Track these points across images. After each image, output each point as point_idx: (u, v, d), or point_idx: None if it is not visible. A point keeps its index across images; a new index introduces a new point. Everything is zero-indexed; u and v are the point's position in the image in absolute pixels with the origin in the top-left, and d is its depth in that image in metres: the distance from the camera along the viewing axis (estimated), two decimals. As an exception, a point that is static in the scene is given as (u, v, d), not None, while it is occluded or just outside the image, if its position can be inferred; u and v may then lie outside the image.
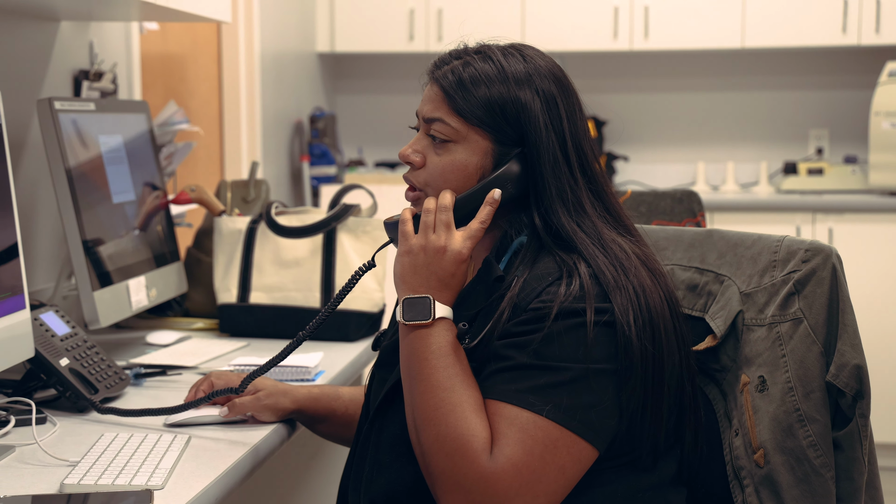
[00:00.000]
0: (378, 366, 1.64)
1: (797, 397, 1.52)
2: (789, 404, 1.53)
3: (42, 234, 2.61)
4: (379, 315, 2.57)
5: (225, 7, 2.78)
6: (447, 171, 1.53)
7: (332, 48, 5.63)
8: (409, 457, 1.48)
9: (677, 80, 5.88)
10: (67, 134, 2.20)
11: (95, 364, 2.00)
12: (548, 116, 1.52)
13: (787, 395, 1.53)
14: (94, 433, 1.77)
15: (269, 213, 2.58)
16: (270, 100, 4.83)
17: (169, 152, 2.77)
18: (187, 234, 3.05)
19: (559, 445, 1.39)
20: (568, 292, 1.43)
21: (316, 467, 2.85)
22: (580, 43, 5.48)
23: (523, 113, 1.51)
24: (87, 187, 2.23)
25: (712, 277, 1.66)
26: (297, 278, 2.54)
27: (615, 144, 5.91)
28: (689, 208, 2.73)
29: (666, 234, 1.74)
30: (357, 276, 1.64)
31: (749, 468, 1.55)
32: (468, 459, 1.38)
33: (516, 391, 1.41)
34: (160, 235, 2.57)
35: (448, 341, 1.46)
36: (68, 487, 1.49)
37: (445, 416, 1.41)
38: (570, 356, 1.41)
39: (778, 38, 5.36)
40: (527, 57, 1.55)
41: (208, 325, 2.65)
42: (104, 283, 2.22)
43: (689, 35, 5.43)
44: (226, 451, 1.69)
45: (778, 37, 5.36)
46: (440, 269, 1.49)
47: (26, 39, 2.56)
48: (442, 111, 1.53)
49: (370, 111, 6.06)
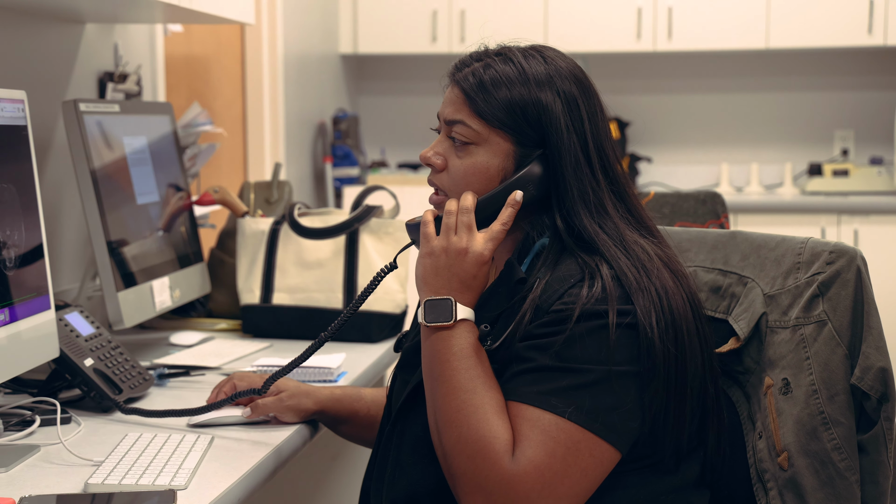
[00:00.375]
0: (400, 367, 1.64)
1: (821, 400, 1.51)
2: (813, 407, 1.52)
3: (67, 235, 2.62)
4: (401, 316, 2.58)
5: (248, 9, 2.79)
6: (469, 174, 1.53)
7: (355, 49, 5.64)
8: (430, 458, 1.48)
9: (701, 81, 5.86)
10: (92, 135, 2.21)
11: (119, 364, 2.01)
12: (569, 118, 1.51)
13: (812, 397, 1.52)
14: (118, 433, 1.78)
15: (292, 215, 2.58)
16: (293, 101, 4.84)
17: (193, 153, 2.78)
18: (211, 235, 3.07)
19: (581, 447, 1.39)
20: (590, 294, 1.43)
21: (338, 468, 2.85)
22: (603, 44, 5.47)
23: (544, 114, 1.51)
24: (111, 188, 2.24)
25: (736, 279, 1.65)
26: (319, 279, 2.54)
27: (638, 146, 5.89)
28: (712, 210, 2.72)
29: (689, 236, 1.73)
30: (379, 278, 1.64)
31: (773, 471, 1.55)
32: (490, 461, 1.38)
33: (538, 393, 1.40)
34: (184, 236, 2.58)
35: (470, 343, 1.46)
36: (92, 487, 1.50)
37: (467, 417, 1.41)
38: (592, 358, 1.41)
39: (803, 38, 5.34)
40: (547, 58, 1.54)
41: (231, 326, 2.66)
42: (128, 283, 2.24)
43: (712, 36, 5.41)
44: (248, 452, 1.70)
45: (803, 37, 5.34)
46: (462, 270, 1.49)
47: (52, 42, 2.58)
48: (463, 113, 1.53)
49: (393, 112, 6.07)
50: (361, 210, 2.57)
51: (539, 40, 1.60)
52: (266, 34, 4.52)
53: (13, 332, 1.72)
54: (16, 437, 1.75)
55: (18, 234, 1.76)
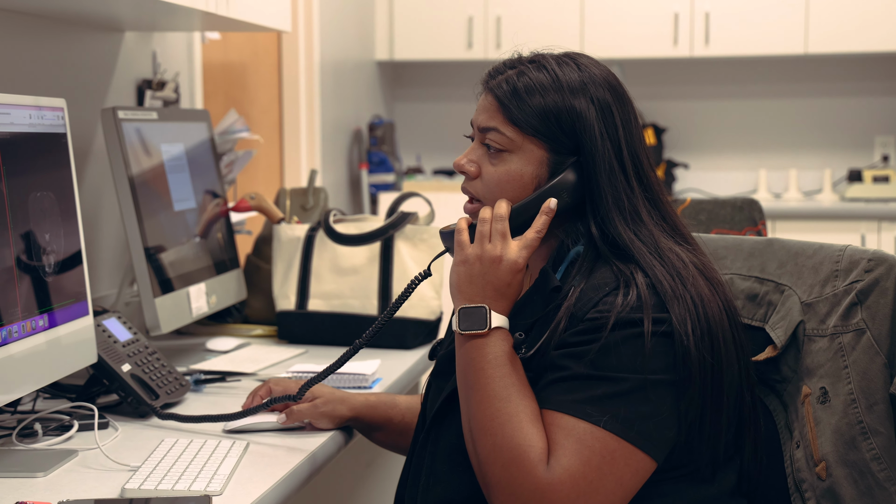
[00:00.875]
0: (434, 375, 1.64)
1: (860, 409, 1.50)
2: (852, 416, 1.50)
3: (105, 242, 2.64)
4: (436, 323, 2.58)
5: (285, 16, 2.80)
6: (503, 181, 1.53)
7: (390, 56, 5.65)
8: (465, 466, 1.48)
9: (739, 87, 5.83)
10: (130, 142, 2.23)
11: (156, 370, 2.02)
12: (603, 125, 1.51)
13: (850, 406, 1.51)
14: (154, 438, 1.79)
15: (328, 221, 2.59)
16: (330, 108, 4.86)
17: (229, 160, 2.80)
18: (247, 241, 3.08)
19: (617, 456, 1.38)
20: (625, 302, 1.42)
21: (372, 475, 2.86)
22: (640, 50, 5.45)
23: (578, 122, 1.51)
24: (149, 195, 2.26)
25: (772, 287, 1.64)
26: (354, 286, 2.55)
27: (675, 152, 5.87)
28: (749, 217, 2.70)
29: (725, 243, 1.72)
30: (413, 285, 1.64)
31: (811, 481, 1.53)
32: (525, 470, 1.38)
33: (573, 401, 1.40)
34: (220, 243, 2.59)
35: (504, 351, 1.46)
36: (129, 492, 1.51)
37: (502, 425, 1.41)
38: (627, 367, 1.40)
39: (842, 43, 5.30)
40: (581, 65, 1.54)
41: (267, 332, 2.67)
42: (165, 289, 2.25)
43: (750, 41, 5.38)
44: (283, 458, 1.70)
45: (842, 42, 5.29)
46: (496, 278, 1.49)
47: (92, 50, 2.60)
48: (497, 121, 1.53)
49: (429, 119, 6.08)
50: (396, 217, 2.57)
51: (575, 46, 1.60)
52: (303, 41, 4.54)
53: (52, 338, 1.74)
54: (54, 442, 1.77)
55: (57, 240, 1.78)
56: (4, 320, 1.60)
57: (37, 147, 1.75)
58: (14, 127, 1.68)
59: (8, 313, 1.61)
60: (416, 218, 2.60)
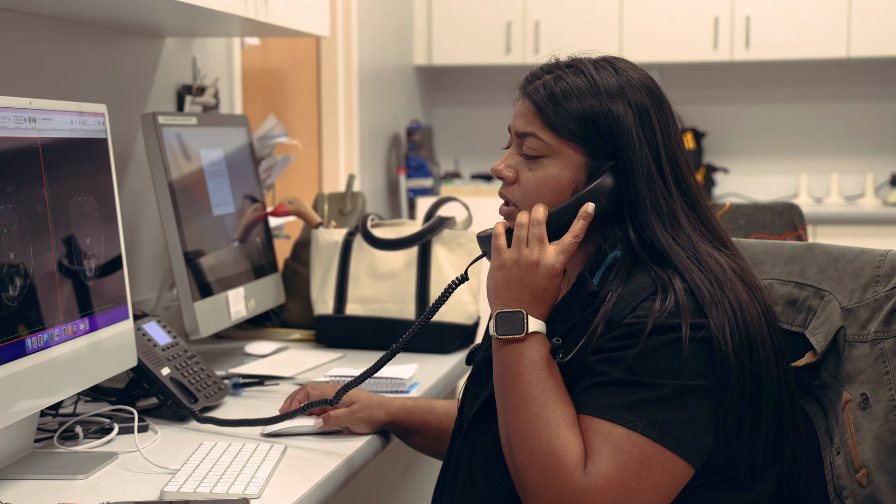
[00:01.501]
0: (471, 380, 1.64)
1: (901, 416, 1.48)
2: (893, 423, 1.49)
3: (145, 246, 2.67)
4: (473, 327, 2.58)
5: (324, 22, 2.82)
6: (540, 186, 1.53)
7: (429, 61, 5.66)
8: (502, 471, 1.48)
9: (779, 91, 5.79)
10: (170, 147, 2.25)
11: (195, 374, 2.03)
12: (641, 129, 1.50)
13: (891, 413, 1.49)
14: (193, 441, 1.80)
15: (365, 226, 2.60)
16: (368, 113, 4.87)
17: (268, 165, 2.81)
18: (285, 245, 3.10)
19: (654, 462, 1.37)
20: (663, 308, 1.42)
21: (409, 479, 2.86)
22: (679, 54, 5.43)
23: (616, 126, 1.50)
24: (188, 200, 2.28)
25: (812, 292, 1.62)
26: (392, 290, 2.55)
27: (715, 156, 5.83)
28: (789, 221, 2.67)
29: (764, 248, 1.71)
30: (450, 290, 1.64)
31: (851, 487, 1.52)
32: (561, 474, 1.37)
33: (610, 407, 1.39)
34: (259, 247, 2.60)
35: (541, 356, 1.46)
36: (168, 495, 1.52)
37: (539, 430, 1.41)
38: (665, 372, 1.39)
39: (885, 47, 5.25)
40: (619, 69, 1.54)
41: (305, 336, 2.68)
42: (204, 293, 2.27)
43: (791, 45, 5.34)
44: (321, 462, 1.71)
45: (885, 46, 5.24)
46: (533, 283, 1.49)
47: (133, 56, 2.62)
48: (534, 126, 1.53)
49: (467, 123, 6.08)
50: (434, 221, 2.57)
51: (614, 51, 1.60)
52: (341, 47, 4.56)
53: (93, 341, 1.76)
54: (95, 445, 1.79)
55: (98, 245, 1.79)
56: (46, 324, 1.62)
57: (78, 152, 1.77)
58: (56, 133, 1.70)
59: (50, 317, 1.63)
60: (453, 222, 2.60)
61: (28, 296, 1.58)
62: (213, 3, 2.15)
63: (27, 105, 1.64)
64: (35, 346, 1.59)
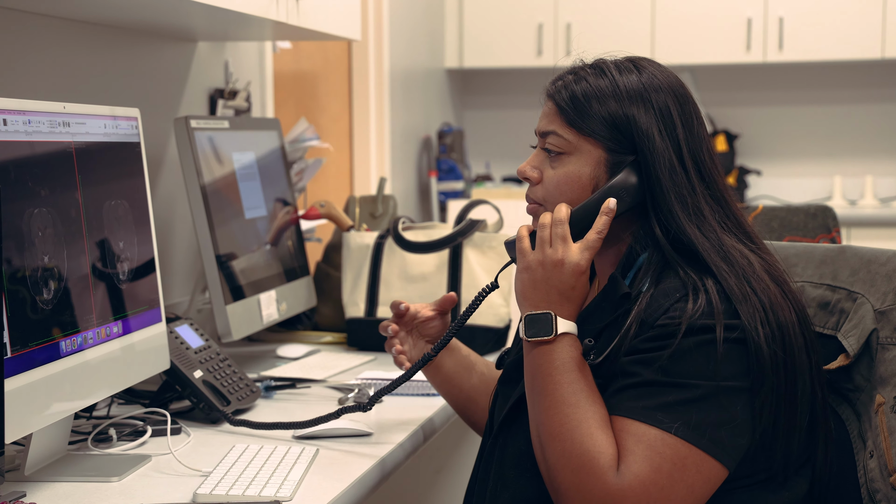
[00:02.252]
0: (502, 382, 1.64)
1: (936, 420, 1.47)
2: (928, 426, 1.47)
3: (178, 249, 2.68)
4: (505, 330, 2.57)
5: (355, 25, 2.82)
6: (562, 184, 1.53)
7: (460, 64, 5.66)
8: (533, 472, 1.48)
9: (813, 93, 5.75)
10: (203, 151, 2.26)
11: (228, 376, 2.04)
12: (662, 124, 1.50)
13: (926, 417, 1.48)
14: (225, 444, 1.81)
15: (397, 229, 2.60)
16: (399, 116, 4.88)
17: (300, 168, 2.82)
18: (317, 248, 3.11)
19: (688, 463, 1.37)
20: (696, 308, 1.41)
21: (441, 482, 2.86)
22: (712, 55, 5.40)
23: (635, 126, 1.50)
24: (220, 203, 2.29)
25: (845, 295, 1.61)
26: (423, 293, 2.55)
27: (747, 158, 5.80)
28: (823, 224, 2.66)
29: (796, 251, 1.70)
30: (481, 298, 1.66)
31: (885, 491, 1.50)
32: (594, 476, 1.37)
33: (644, 408, 1.39)
34: (290, 250, 2.61)
35: (572, 356, 1.46)
36: (201, 497, 1.53)
37: (571, 431, 1.40)
38: (699, 373, 1.39)
39: (920, 47, 5.20)
40: (642, 69, 1.54)
41: (337, 339, 2.69)
42: (237, 296, 2.28)
43: (825, 46, 5.30)
44: (353, 464, 1.71)
45: (920, 46, 5.19)
46: (559, 282, 1.48)
47: (165, 60, 2.64)
48: (555, 124, 1.54)
49: (498, 126, 6.08)
50: (465, 224, 2.57)
51: (646, 53, 1.59)
52: (372, 50, 4.57)
53: (127, 344, 1.77)
54: (128, 447, 1.80)
55: (131, 248, 1.81)
56: (80, 327, 1.64)
57: (111, 156, 1.78)
58: (89, 136, 1.72)
59: (83, 320, 1.65)
60: (484, 225, 2.60)
61: (62, 299, 1.59)
62: (245, 7, 2.16)
63: (61, 109, 1.65)
64: (69, 349, 1.60)
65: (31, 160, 1.55)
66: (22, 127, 1.54)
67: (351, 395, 2.11)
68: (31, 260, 1.52)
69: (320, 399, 2.14)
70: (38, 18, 2.14)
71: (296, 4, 2.40)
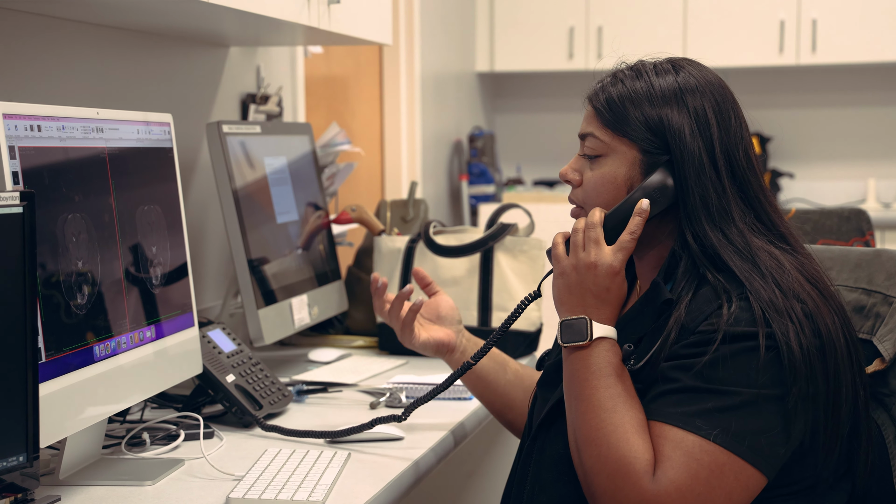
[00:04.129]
0: (541, 385, 1.64)
1: (973, 424, 1.45)
2: (965, 432, 1.46)
3: (210, 254, 2.69)
4: (536, 334, 2.57)
5: (387, 30, 2.83)
6: (598, 185, 1.53)
7: (491, 67, 5.66)
8: (570, 476, 1.47)
9: (846, 95, 5.70)
10: (235, 156, 2.27)
11: (260, 381, 2.05)
12: (695, 124, 1.49)
13: (963, 422, 1.46)
14: (258, 448, 1.82)
15: (428, 233, 2.60)
16: (430, 120, 4.88)
17: (331, 173, 2.83)
18: (348, 253, 3.11)
19: (726, 471, 1.35)
20: (738, 315, 1.40)
21: (475, 485, 2.85)
22: (744, 58, 5.37)
23: (669, 127, 1.49)
24: (252, 208, 2.30)
25: (880, 299, 1.60)
26: (454, 297, 2.55)
27: (780, 161, 5.76)
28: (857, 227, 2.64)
29: (831, 254, 1.68)
30: (522, 307, 1.68)
31: (921, 497, 1.49)
32: (630, 481, 1.36)
33: (682, 414, 1.38)
34: (322, 254, 2.62)
35: (609, 361, 1.45)
36: (233, 501, 1.53)
37: (607, 436, 1.40)
38: (738, 380, 1.37)
39: (954, 48, 5.14)
40: (679, 70, 1.53)
41: (368, 343, 2.69)
42: (268, 301, 2.28)
43: (859, 48, 5.26)
44: (385, 468, 1.71)
45: (954, 47, 5.14)
46: (594, 285, 1.48)
47: (198, 65, 2.65)
48: (593, 126, 1.54)
49: (529, 130, 6.07)
50: (496, 228, 2.57)
51: (677, 55, 1.59)
52: (404, 54, 4.58)
53: (160, 349, 1.78)
54: (161, 451, 1.81)
55: (164, 253, 1.82)
56: (114, 331, 1.64)
57: (144, 161, 1.79)
58: (123, 142, 1.73)
59: (117, 325, 1.65)
60: (515, 229, 2.60)
61: (96, 304, 1.60)
62: (276, 13, 2.17)
63: (94, 115, 1.66)
64: (103, 353, 1.61)
65: (65, 166, 1.57)
66: (56, 133, 1.55)
67: (382, 398, 2.12)
68: (66, 265, 1.53)
69: (352, 403, 2.15)
70: (71, 24, 2.16)
71: (327, 9, 2.40)
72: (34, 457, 1.38)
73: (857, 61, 5.31)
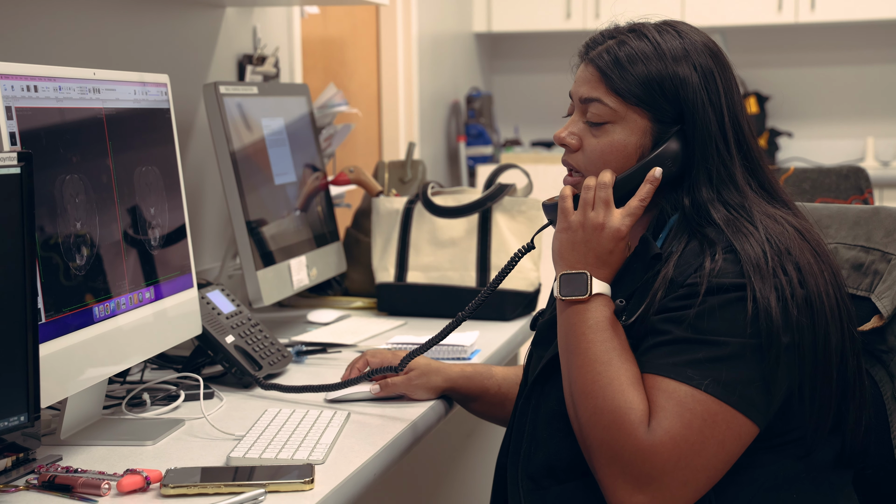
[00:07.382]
0: (535, 343, 1.64)
1: (970, 380, 1.46)
2: (962, 388, 1.46)
3: (208, 216, 2.69)
4: (535, 294, 2.57)
5: (383, -11, 2.81)
6: (606, 153, 1.52)
7: (488, 28, 5.63)
8: (566, 432, 1.48)
9: (845, 53, 5.68)
10: (232, 117, 2.26)
11: (259, 341, 2.05)
12: (706, 92, 1.49)
13: (960, 378, 1.47)
14: (258, 408, 1.83)
15: (426, 194, 2.60)
16: (427, 81, 4.87)
17: (328, 134, 2.82)
18: (346, 214, 3.11)
19: (718, 420, 1.36)
20: (725, 268, 1.40)
21: (473, 445, 2.87)
22: (743, 17, 5.34)
23: (682, 89, 1.49)
24: (250, 169, 2.29)
25: (879, 256, 1.60)
26: (453, 258, 2.56)
27: (778, 120, 5.75)
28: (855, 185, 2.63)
29: (829, 212, 1.68)
30: (516, 259, 1.65)
31: (918, 453, 1.50)
32: (625, 432, 1.37)
33: (674, 365, 1.39)
34: (320, 216, 2.62)
35: (605, 316, 1.46)
36: (234, 460, 1.54)
37: (602, 388, 1.40)
38: (727, 331, 1.38)
39: (954, 6, 5.12)
40: (681, 32, 1.52)
41: (367, 304, 2.70)
42: (267, 262, 2.28)
43: (857, 5, 5.23)
44: (384, 428, 1.72)
45: (954, 5, 5.12)
46: (598, 245, 1.48)
47: (194, 26, 2.64)
48: (599, 91, 1.52)
49: (526, 90, 6.05)
50: (494, 188, 2.57)
51: (676, 15, 1.58)
52: (401, 14, 4.55)
53: (159, 310, 1.78)
54: (162, 412, 1.81)
55: (162, 214, 1.82)
56: (113, 293, 1.65)
57: (141, 122, 1.78)
58: (119, 103, 1.72)
59: (116, 286, 1.66)
60: (513, 190, 2.60)
61: (95, 265, 1.60)
62: (272, -27, 2.15)
63: (91, 76, 1.66)
64: (102, 314, 1.62)
65: (62, 127, 1.56)
66: (52, 93, 1.55)
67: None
68: (64, 226, 1.53)
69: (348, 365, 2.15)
70: (67, -15, 2.14)
71: (323, -31, 2.39)
72: (35, 417, 1.39)
73: (855, 19, 5.29)
